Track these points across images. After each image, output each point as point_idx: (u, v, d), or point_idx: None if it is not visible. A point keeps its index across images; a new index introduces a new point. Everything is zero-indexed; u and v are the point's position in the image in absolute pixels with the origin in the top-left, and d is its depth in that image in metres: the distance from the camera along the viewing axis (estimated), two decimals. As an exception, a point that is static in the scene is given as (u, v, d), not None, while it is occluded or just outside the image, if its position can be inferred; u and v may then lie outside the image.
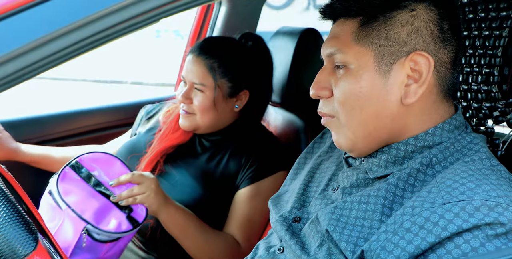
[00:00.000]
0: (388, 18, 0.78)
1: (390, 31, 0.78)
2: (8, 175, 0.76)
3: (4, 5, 0.59)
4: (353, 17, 0.80)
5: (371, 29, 0.79)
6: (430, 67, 0.78)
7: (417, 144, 0.80)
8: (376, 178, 0.81)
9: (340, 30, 0.82)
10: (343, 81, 0.80)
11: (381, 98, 0.79)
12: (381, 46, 0.78)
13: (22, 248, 0.58)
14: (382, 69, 0.78)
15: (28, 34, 0.59)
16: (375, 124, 0.80)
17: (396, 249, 0.69)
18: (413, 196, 0.75)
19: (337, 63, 0.82)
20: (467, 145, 0.79)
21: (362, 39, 0.79)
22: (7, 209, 0.60)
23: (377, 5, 0.79)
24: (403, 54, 0.78)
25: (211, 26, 1.78)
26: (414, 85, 0.78)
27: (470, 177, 0.72)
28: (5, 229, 0.58)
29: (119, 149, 1.44)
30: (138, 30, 0.65)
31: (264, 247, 0.92)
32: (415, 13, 0.78)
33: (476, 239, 0.66)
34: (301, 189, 0.94)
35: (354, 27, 0.80)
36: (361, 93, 0.79)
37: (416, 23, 0.78)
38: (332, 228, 0.77)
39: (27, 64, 0.59)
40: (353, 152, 0.84)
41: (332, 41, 0.82)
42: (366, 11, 0.79)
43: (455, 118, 0.81)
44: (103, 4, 0.60)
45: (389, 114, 0.79)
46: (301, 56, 1.43)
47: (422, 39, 0.78)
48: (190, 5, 0.66)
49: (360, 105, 0.79)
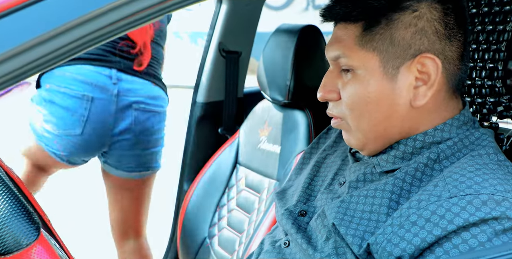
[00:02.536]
0: (390, 21, 0.77)
1: (394, 34, 0.77)
2: (6, 167, 0.76)
3: (1, 4, 0.59)
4: (355, 21, 0.79)
5: (374, 33, 0.78)
6: (438, 69, 0.77)
7: (426, 140, 0.79)
8: (384, 172, 0.81)
9: (343, 34, 0.81)
10: (350, 86, 0.80)
11: (390, 102, 0.78)
12: (385, 50, 0.77)
13: (24, 238, 0.58)
14: (389, 74, 0.77)
15: (24, 33, 0.59)
16: (385, 127, 0.80)
17: (402, 242, 0.69)
18: (419, 190, 0.75)
19: (343, 67, 0.81)
20: (475, 141, 0.79)
21: (366, 44, 0.78)
22: (9, 199, 0.60)
23: (378, 9, 0.77)
24: (409, 57, 0.77)
25: (211, 25, 1.77)
26: (423, 88, 0.77)
27: (477, 171, 0.71)
28: (8, 219, 0.58)
29: None
30: (135, 28, 0.65)
31: (270, 242, 0.93)
32: (418, 14, 0.76)
33: (484, 234, 0.66)
34: (306, 183, 0.94)
35: (357, 31, 0.79)
36: (370, 99, 0.78)
37: (419, 24, 0.76)
38: (338, 222, 0.77)
39: (26, 63, 0.59)
40: (363, 151, 0.84)
41: (336, 44, 0.82)
42: (367, 15, 0.78)
43: (463, 114, 0.81)
44: (98, 3, 0.60)
45: (399, 116, 0.79)
46: (302, 53, 1.42)
47: (427, 39, 0.76)
48: (187, 2, 0.66)
49: (369, 110, 0.79)
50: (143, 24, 0.64)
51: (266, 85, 1.51)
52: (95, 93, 1.57)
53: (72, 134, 1.58)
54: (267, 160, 1.50)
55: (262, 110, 1.58)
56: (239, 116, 1.82)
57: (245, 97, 1.86)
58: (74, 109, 1.57)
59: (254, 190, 1.52)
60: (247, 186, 1.55)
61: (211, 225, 1.59)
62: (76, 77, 1.55)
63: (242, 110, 1.84)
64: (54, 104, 1.57)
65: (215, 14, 1.76)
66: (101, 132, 1.62)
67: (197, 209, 1.62)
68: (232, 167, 1.62)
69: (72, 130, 1.58)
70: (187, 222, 1.63)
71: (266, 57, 1.50)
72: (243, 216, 1.51)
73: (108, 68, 1.59)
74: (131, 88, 1.64)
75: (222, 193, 1.61)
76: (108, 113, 1.60)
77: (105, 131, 1.63)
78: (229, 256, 1.48)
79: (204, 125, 1.82)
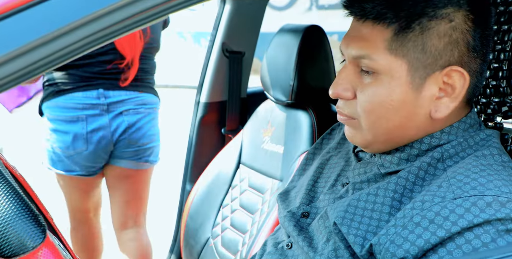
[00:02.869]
0: (425, 29, 0.73)
1: (427, 43, 0.74)
2: (11, 167, 0.76)
3: (5, 4, 0.59)
4: (387, 23, 0.75)
5: (407, 40, 0.74)
6: (465, 83, 0.75)
7: (432, 142, 0.79)
8: (387, 173, 0.81)
9: (370, 33, 0.76)
10: (371, 90, 0.77)
11: (410, 111, 0.76)
12: (416, 58, 0.74)
13: (31, 241, 0.58)
14: (415, 83, 0.75)
15: (30, 33, 0.59)
16: (398, 134, 0.79)
17: (405, 243, 0.68)
18: (422, 190, 0.74)
19: (364, 68, 0.77)
20: (480, 141, 0.78)
21: (396, 49, 0.74)
22: (14, 200, 0.60)
23: (414, 14, 0.73)
24: (438, 68, 0.75)
25: (214, 25, 1.77)
26: (445, 99, 0.76)
27: (481, 172, 0.71)
28: (14, 221, 0.58)
29: None
30: (139, 28, 0.65)
31: (272, 243, 0.92)
32: (454, 24, 0.74)
33: (487, 234, 0.65)
34: (309, 185, 0.93)
35: (387, 34, 0.75)
36: (391, 106, 0.76)
37: (454, 35, 0.74)
38: (340, 221, 0.76)
39: (30, 63, 0.60)
40: (367, 149, 0.83)
41: (361, 43, 0.77)
42: (402, 18, 0.74)
43: (470, 117, 0.80)
44: (101, 3, 0.61)
45: (414, 126, 0.78)
46: (306, 54, 1.42)
47: (458, 51, 0.74)
48: (191, 2, 0.66)
49: (386, 116, 0.77)
50: (147, 24, 0.64)
51: (269, 86, 1.50)
52: (87, 112, 1.76)
53: (79, 151, 1.78)
54: (270, 160, 1.50)
55: (266, 111, 1.58)
56: (242, 117, 1.82)
57: (249, 98, 1.86)
58: (74, 131, 1.76)
59: (257, 190, 1.52)
60: (250, 186, 1.55)
61: (214, 225, 1.59)
62: (67, 105, 1.76)
63: (245, 111, 1.84)
64: (57, 131, 1.78)
65: (219, 14, 1.76)
66: (103, 142, 1.80)
67: (200, 209, 1.62)
68: (235, 167, 1.61)
69: (79, 148, 1.78)
70: (191, 222, 1.63)
71: (269, 58, 1.50)
72: (246, 217, 1.51)
73: (95, 90, 1.76)
74: (119, 100, 1.80)
75: (225, 193, 1.61)
76: (104, 124, 1.79)
77: (106, 139, 1.81)
78: (232, 256, 1.48)
79: (207, 126, 1.82)
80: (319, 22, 1.52)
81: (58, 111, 1.75)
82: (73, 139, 1.76)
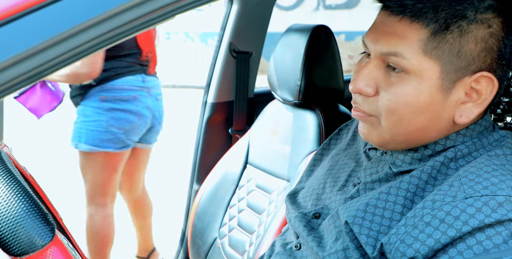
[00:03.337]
0: (464, 33, 0.72)
1: (464, 47, 0.72)
2: (21, 167, 0.77)
3: (18, 4, 0.60)
4: (426, 23, 0.72)
5: (444, 42, 0.72)
6: (493, 89, 0.74)
7: (447, 144, 0.78)
8: (399, 172, 0.80)
9: (405, 31, 0.73)
10: (397, 88, 0.74)
11: (435, 114, 0.75)
12: (450, 61, 0.72)
13: (40, 239, 0.59)
14: (445, 86, 0.74)
15: (41, 33, 0.59)
16: (418, 135, 0.77)
17: (416, 243, 0.68)
18: (434, 189, 0.74)
19: (392, 64, 0.75)
20: (494, 142, 0.77)
21: (431, 51, 0.72)
22: (24, 199, 0.60)
23: (455, 16, 0.72)
24: (468, 73, 0.73)
25: (221, 25, 1.77)
26: (470, 104, 0.75)
27: (494, 172, 0.70)
28: (24, 220, 0.59)
29: None
30: (149, 28, 0.65)
31: (281, 244, 0.92)
32: (492, 30, 0.73)
33: (499, 236, 0.64)
34: (319, 186, 0.93)
35: (423, 34, 0.72)
36: (417, 108, 0.74)
37: (490, 41, 0.73)
38: (351, 220, 0.75)
39: (43, 62, 0.60)
40: (381, 147, 0.82)
41: (395, 40, 0.74)
42: (442, 19, 0.72)
43: (485, 119, 0.79)
44: (113, 3, 0.61)
45: (437, 129, 0.77)
46: (313, 53, 1.41)
47: (490, 58, 0.73)
48: (199, 3, 0.66)
49: (410, 117, 0.75)
50: (155, 25, 0.65)
51: (276, 86, 1.50)
52: (137, 92, 2.14)
53: (134, 126, 2.13)
54: (277, 160, 1.50)
55: (273, 111, 1.58)
56: (250, 117, 1.82)
57: (256, 98, 1.86)
58: (130, 109, 2.11)
59: (264, 190, 1.52)
60: (258, 186, 1.54)
61: (221, 225, 1.59)
62: (123, 87, 2.12)
63: (252, 111, 1.84)
64: (115, 109, 2.09)
65: (226, 15, 1.76)
66: (147, 119, 2.18)
67: (207, 209, 1.63)
68: (243, 167, 1.61)
69: (134, 123, 2.13)
70: (198, 222, 1.63)
71: (276, 58, 1.50)
72: (253, 217, 1.51)
73: (139, 75, 2.17)
74: (153, 85, 2.22)
75: (233, 193, 1.61)
76: (149, 104, 2.18)
77: (149, 117, 2.18)
78: (239, 256, 1.48)
79: (214, 126, 1.82)
80: (326, 22, 1.51)
81: (115, 92, 2.09)
82: (129, 115, 2.10)
